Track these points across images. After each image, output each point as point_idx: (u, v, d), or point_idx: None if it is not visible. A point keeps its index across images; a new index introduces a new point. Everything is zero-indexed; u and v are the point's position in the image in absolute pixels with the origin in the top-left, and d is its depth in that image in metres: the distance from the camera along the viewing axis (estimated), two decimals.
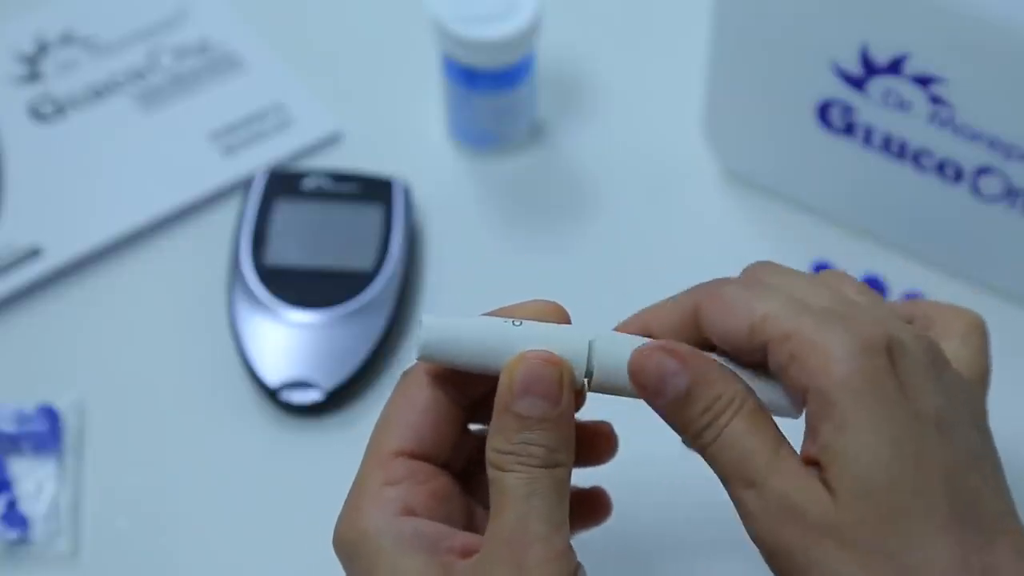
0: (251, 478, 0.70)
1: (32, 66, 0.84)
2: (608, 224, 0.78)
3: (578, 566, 0.48)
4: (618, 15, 0.87)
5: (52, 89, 0.83)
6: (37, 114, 0.82)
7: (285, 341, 0.72)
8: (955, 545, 0.46)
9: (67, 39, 0.85)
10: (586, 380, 0.50)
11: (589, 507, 0.58)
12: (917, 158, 0.70)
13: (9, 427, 0.70)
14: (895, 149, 0.71)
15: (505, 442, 0.48)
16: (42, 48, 0.84)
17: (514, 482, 0.48)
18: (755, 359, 0.50)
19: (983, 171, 0.69)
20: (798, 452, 0.48)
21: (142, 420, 0.71)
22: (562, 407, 0.49)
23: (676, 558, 0.67)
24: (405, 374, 0.53)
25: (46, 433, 0.70)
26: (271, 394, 0.71)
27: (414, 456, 0.51)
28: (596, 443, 0.57)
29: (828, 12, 0.67)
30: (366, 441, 0.71)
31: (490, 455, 0.49)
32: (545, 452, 0.48)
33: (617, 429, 0.58)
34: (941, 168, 0.70)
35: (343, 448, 0.70)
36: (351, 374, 0.71)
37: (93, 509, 0.68)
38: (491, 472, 0.49)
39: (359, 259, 0.74)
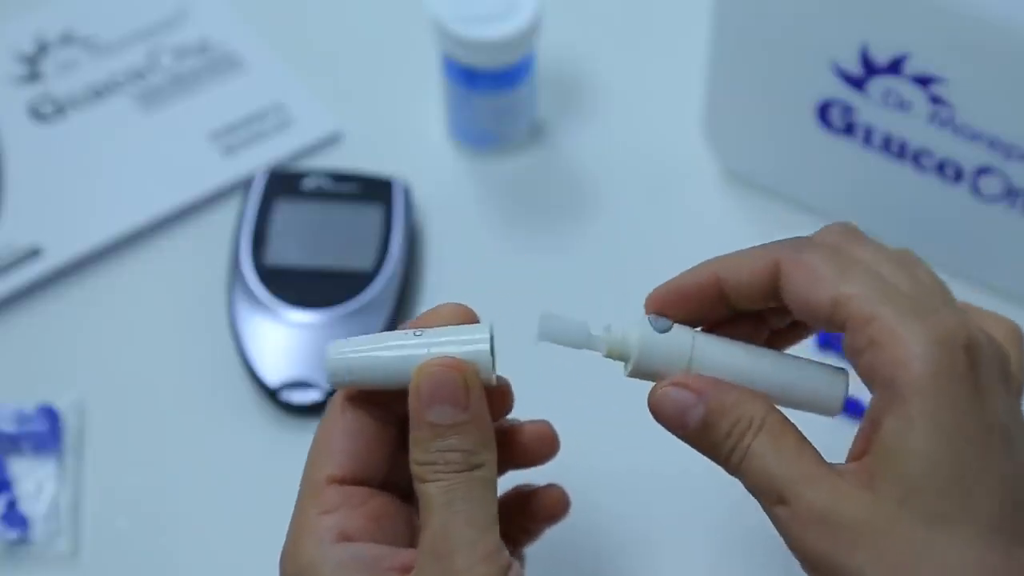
0: (251, 478, 0.70)
1: (32, 66, 0.84)
2: (608, 224, 0.78)
3: (510, 564, 0.48)
4: (618, 15, 0.87)
5: (52, 89, 0.83)
6: (37, 114, 0.82)
7: (285, 341, 0.72)
8: (1002, 556, 0.45)
9: (67, 39, 0.85)
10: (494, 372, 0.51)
11: (545, 505, 0.59)
12: (917, 158, 0.70)
13: (9, 427, 0.70)
14: (895, 149, 0.71)
15: (423, 453, 0.49)
16: (42, 48, 0.84)
17: (435, 491, 0.49)
18: (822, 327, 0.49)
19: (983, 171, 0.69)
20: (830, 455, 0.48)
21: (142, 420, 0.71)
22: (472, 409, 0.49)
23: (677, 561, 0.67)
24: (331, 401, 0.53)
25: (46, 433, 0.70)
26: (271, 394, 0.71)
27: (346, 482, 0.51)
28: (535, 443, 0.58)
29: (828, 12, 0.67)
30: None
31: (413, 468, 0.49)
32: (463, 456, 0.49)
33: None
34: (941, 168, 0.70)
35: None
36: None
37: (93, 509, 0.68)
38: (416, 485, 0.49)
39: (359, 259, 0.74)
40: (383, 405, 0.52)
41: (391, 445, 0.52)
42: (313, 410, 0.71)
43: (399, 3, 0.87)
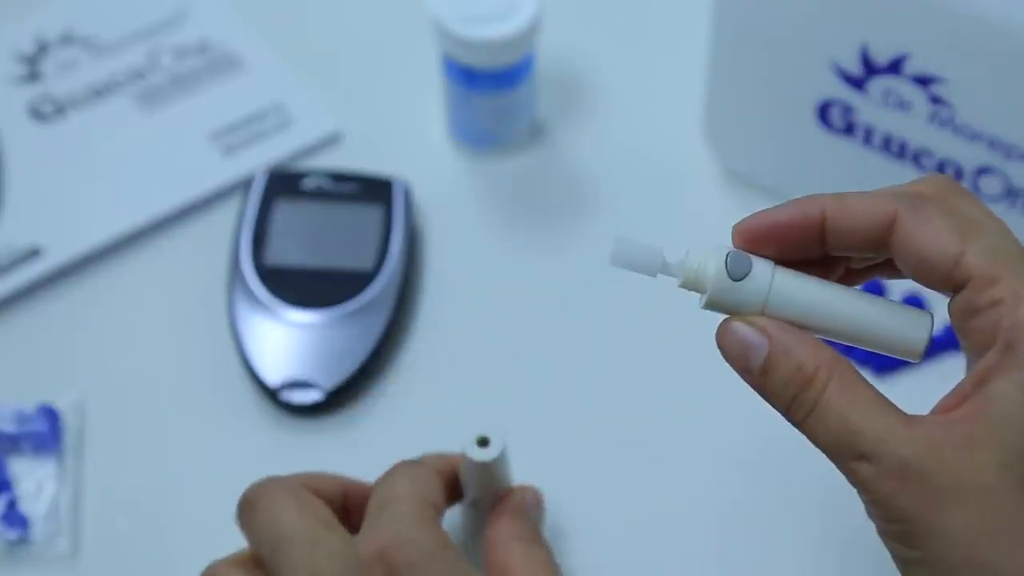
0: (251, 478, 0.69)
1: (32, 66, 0.84)
2: (608, 224, 0.78)
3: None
4: (618, 15, 0.87)
5: (52, 89, 0.83)
6: (37, 114, 0.82)
7: (285, 341, 0.72)
8: None
9: (67, 39, 0.85)
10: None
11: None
12: (917, 158, 0.70)
13: (9, 427, 0.70)
14: (895, 149, 0.71)
15: None
16: (42, 48, 0.84)
17: None
18: (934, 284, 0.47)
19: (983, 171, 0.69)
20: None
21: (142, 420, 0.71)
22: None
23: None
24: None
25: (46, 433, 0.70)
26: (271, 394, 0.71)
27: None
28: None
29: (828, 12, 0.67)
30: (366, 441, 0.71)
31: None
32: None
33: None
34: (941, 168, 0.70)
35: (343, 448, 0.70)
36: (351, 374, 0.71)
37: (93, 509, 0.68)
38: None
39: (359, 259, 0.74)
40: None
41: None
42: (313, 410, 0.71)
43: (399, 3, 0.87)
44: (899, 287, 0.75)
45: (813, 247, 0.49)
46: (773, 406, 0.48)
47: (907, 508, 0.44)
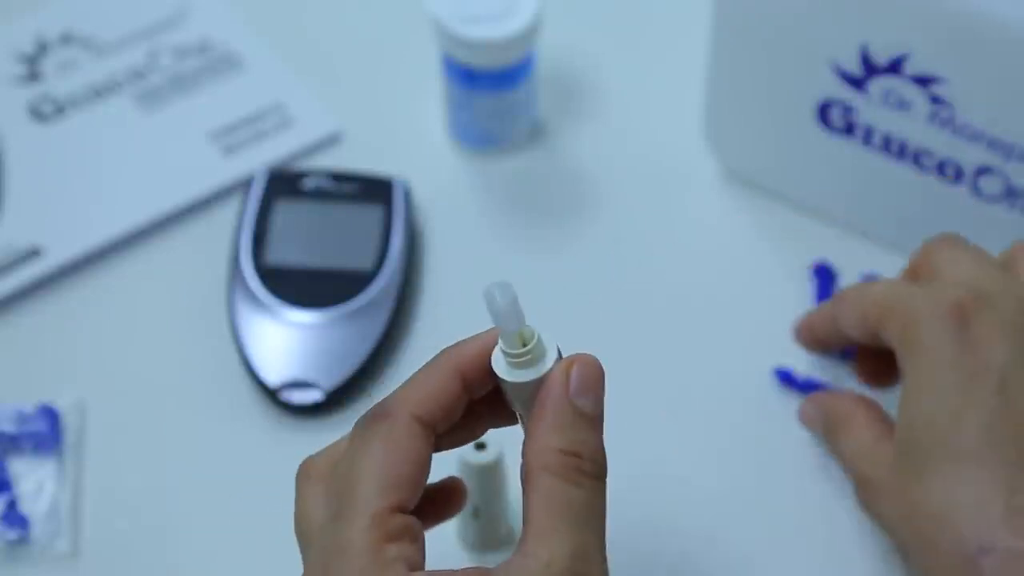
0: (251, 478, 0.70)
1: (32, 66, 0.84)
2: (608, 224, 0.78)
3: None
4: (618, 15, 0.87)
5: (52, 89, 0.83)
6: (37, 114, 0.82)
7: (285, 341, 0.72)
8: (990, 486, 0.52)
9: (67, 39, 0.85)
10: None
11: (444, 498, 0.56)
12: (917, 158, 0.70)
13: (9, 427, 0.70)
14: (895, 149, 0.71)
15: (567, 441, 0.49)
16: (42, 48, 0.84)
17: (579, 498, 0.47)
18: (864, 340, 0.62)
19: (983, 171, 0.69)
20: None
21: (142, 420, 0.71)
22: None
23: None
24: (391, 417, 0.50)
25: (46, 433, 0.70)
26: (271, 394, 0.71)
27: (406, 511, 0.48)
28: (447, 499, 0.56)
29: (828, 12, 0.67)
30: None
31: (544, 456, 0.47)
32: (597, 466, 0.50)
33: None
34: (941, 168, 0.70)
35: None
36: (351, 374, 0.71)
37: (93, 509, 0.68)
38: (542, 477, 0.47)
39: (359, 259, 0.74)
40: (443, 434, 0.50)
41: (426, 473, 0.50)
42: (313, 410, 0.71)
43: (399, 3, 0.87)
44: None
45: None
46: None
47: (864, 504, 0.61)
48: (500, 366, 0.49)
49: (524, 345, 0.48)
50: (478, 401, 0.51)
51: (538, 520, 0.46)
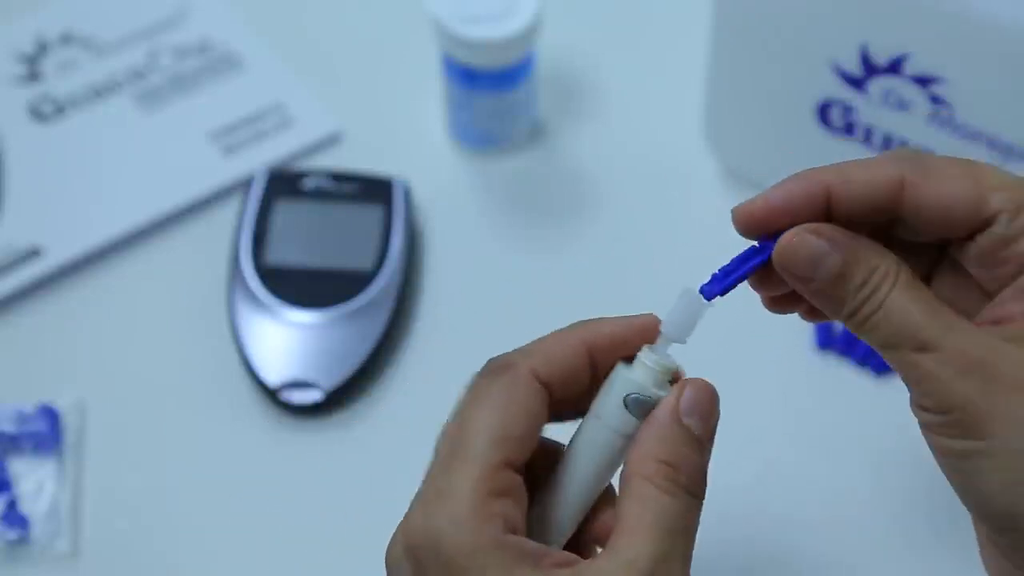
0: (251, 478, 0.70)
1: (32, 66, 0.84)
2: (608, 224, 0.78)
3: None
4: (618, 15, 0.87)
5: (52, 89, 0.83)
6: (37, 114, 0.82)
7: (285, 341, 0.72)
8: None
9: (67, 39, 0.85)
10: None
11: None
12: None
13: (9, 427, 0.70)
14: None
15: (671, 454, 0.47)
16: (42, 48, 0.84)
17: (675, 509, 0.46)
18: (956, 230, 0.48)
19: None
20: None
21: (142, 420, 0.71)
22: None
23: None
24: (513, 371, 0.48)
25: (46, 433, 0.70)
26: (271, 394, 0.71)
27: (517, 469, 0.46)
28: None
29: (828, 12, 0.67)
30: (366, 441, 0.71)
31: (648, 465, 0.47)
32: (698, 480, 0.48)
33: None
34: None
35: (343, 448, 0.71)
36: (351, 374, 0.71)
37: (93, 509, 0.68)
38: (643, 485, 0.46)
39: (359, 259, 0.74)
40: (563, 394, 0.49)
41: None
42: (313, 410, 0.71)
43: (399, 3, 0.87)
44: None
45: (819, 219, 0.49)
46: (833, 312, 0.48)
47: (968, 395, 0.45)
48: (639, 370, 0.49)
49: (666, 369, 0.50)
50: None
51: (628, 520, 0.46)
